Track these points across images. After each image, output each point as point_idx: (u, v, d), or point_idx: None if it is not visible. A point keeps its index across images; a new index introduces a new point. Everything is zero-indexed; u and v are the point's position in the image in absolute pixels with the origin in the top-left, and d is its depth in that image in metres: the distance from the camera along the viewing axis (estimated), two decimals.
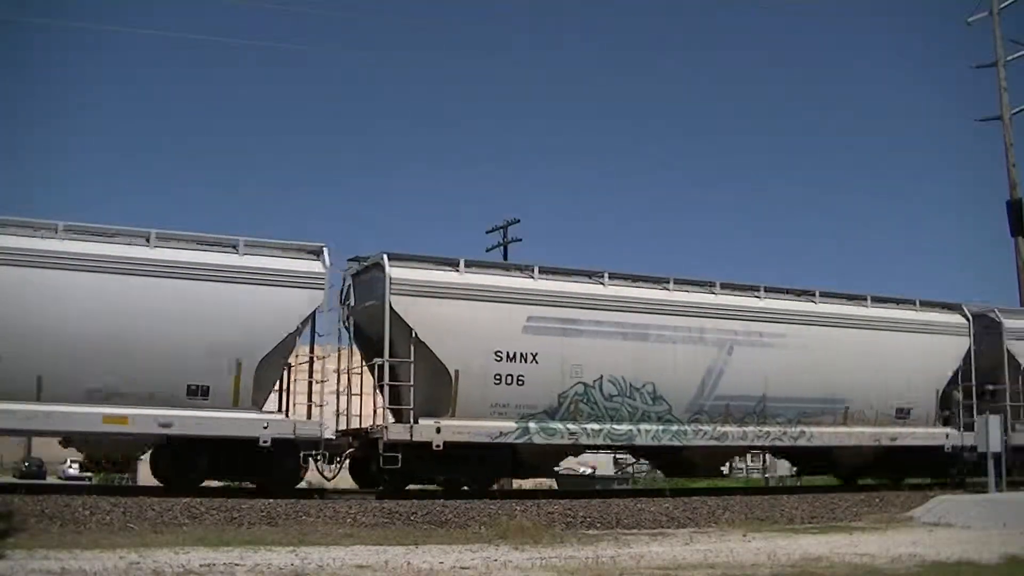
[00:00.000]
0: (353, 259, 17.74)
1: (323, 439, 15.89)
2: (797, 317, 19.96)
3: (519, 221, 39.48)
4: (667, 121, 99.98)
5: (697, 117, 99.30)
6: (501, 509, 15.08)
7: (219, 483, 16.81)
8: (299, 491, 16.29)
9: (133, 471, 30.19)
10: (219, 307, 15.30)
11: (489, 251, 38.85)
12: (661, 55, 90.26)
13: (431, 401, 16.46)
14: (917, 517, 16.63)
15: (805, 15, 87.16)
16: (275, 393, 16.60)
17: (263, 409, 15.79)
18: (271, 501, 14.29)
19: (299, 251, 16.23)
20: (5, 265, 14.35)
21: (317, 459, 16.17)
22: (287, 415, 16.13)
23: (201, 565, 9.29)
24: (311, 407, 16.45)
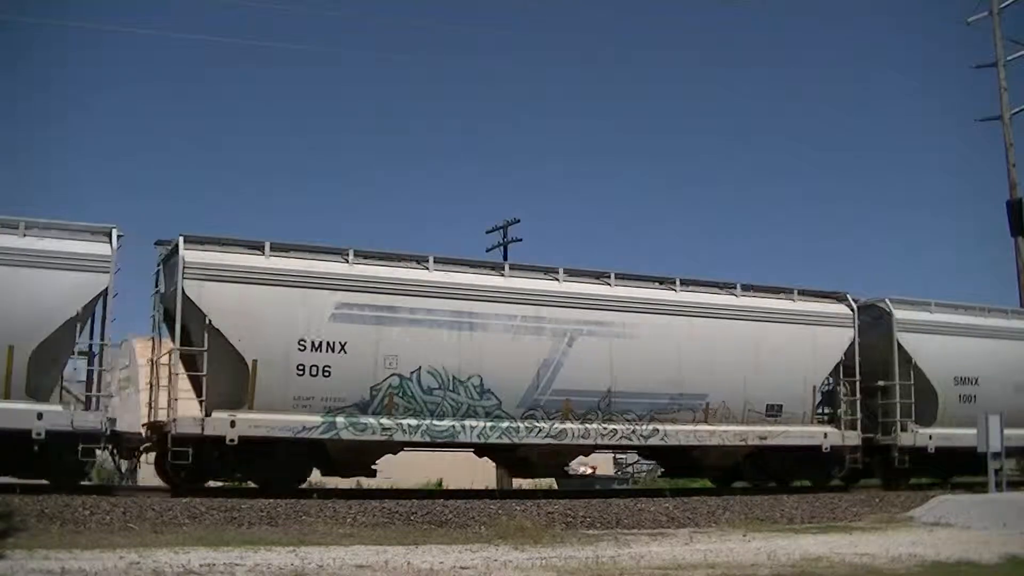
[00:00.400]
0: (159, 242, 16.60)
1: (106, 432, 14.74)
2: (651, 306, 18.47)
3: (519, 221, 39.39)
4: (667, 121, 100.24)
5: (698, 117, 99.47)
6: (501, 509, 15.10)
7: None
8: (299, 491, 16.26)
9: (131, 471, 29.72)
10: None
11: (489, 251, 38.81)
12: (661, 55, 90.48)
13: (232, 393, 15.46)
14: (917, 517, 16.64)
15: (805, 15, 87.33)
16: (79, 384, 15.78)
17: (61, 401, 14.81)
18: (271, 501, 14.28)
19: (86, 232, 15.12)
20: None
21: (114, 454, 15.27)
22: (92, 408, 14.90)
23: (201, 565, 9.29)
24: (92, 399, 15.16)
